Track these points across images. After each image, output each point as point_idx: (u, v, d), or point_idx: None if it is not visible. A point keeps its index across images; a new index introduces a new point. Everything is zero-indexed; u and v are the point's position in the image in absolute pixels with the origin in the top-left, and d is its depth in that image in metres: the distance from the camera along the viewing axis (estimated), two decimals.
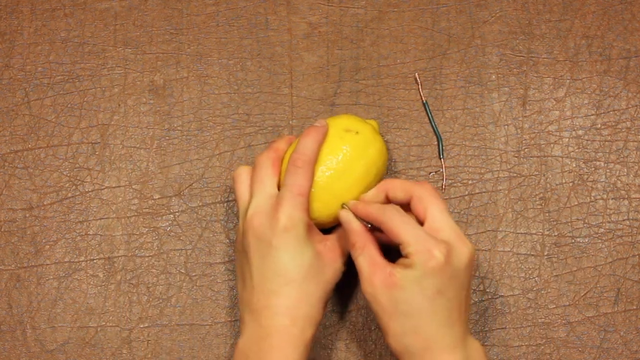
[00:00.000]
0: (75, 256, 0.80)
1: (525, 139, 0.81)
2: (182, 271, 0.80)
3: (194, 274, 0.80)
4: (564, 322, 0.79)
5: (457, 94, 0.82)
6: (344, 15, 0.84)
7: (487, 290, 0.79)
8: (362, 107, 0.82)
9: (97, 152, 0.82)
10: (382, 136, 0.77)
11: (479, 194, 0.80)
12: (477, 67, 0.82)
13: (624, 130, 0.81)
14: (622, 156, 0.81)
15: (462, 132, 0.81)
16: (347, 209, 0.72)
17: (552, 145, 0.81)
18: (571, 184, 0.80)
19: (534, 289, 0.79)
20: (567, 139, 0.81)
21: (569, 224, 0.80)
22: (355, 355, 0.79)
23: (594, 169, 0.81)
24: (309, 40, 0.83)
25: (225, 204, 0.81)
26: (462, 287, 0.68)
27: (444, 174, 0.81)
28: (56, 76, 0.83)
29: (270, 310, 0.70)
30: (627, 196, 0.80)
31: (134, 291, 0.80)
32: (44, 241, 0.81)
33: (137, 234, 0.81)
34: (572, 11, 0.83)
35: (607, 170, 0.81)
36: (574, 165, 0.81)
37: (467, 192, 0.80)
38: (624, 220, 0.80)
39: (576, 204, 0.80)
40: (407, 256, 0.67)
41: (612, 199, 0.80)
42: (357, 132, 0.74)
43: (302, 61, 0.83)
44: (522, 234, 0.80)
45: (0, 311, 0.80)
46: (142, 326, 0.79)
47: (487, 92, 0.82)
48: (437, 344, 0.67)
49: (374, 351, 0.79)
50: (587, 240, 0.80)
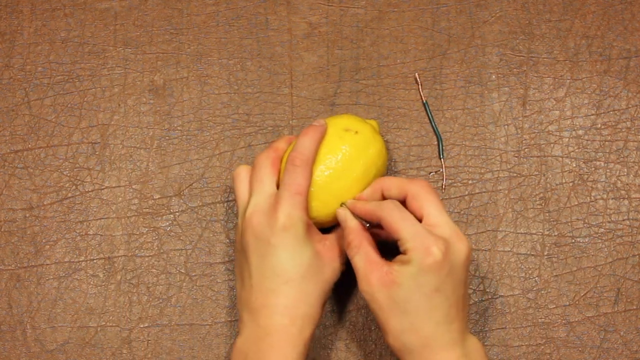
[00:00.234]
0: (75, 256, 0.80)
1: (525, 139, 0.81)
2: (182, 271, 0.80)
3: (194, 274, 0.80)
4: (564, 322, 0.79)
5: (457, 94, 0.82)
6: (344, 15, 0.84)
7: (487, 290, 0.79)
8: (362, 107, 0.82)
9: (97, 152, 0.82)
10: (382, 136, 0.77)
11: (479, 194, 0.80)
12: (477, 67, 0.82)
13: (624, 130, 0.81)
14: (622, 156, 0.81)
15: (462, 132, 0.81)
16: (345, 207, 0.72)
17: (552, 145, 0.81)
18: (571, 184, 0.80)
19: (534, 289, 0.79)
20: (567, 139, 0.81)
21: (569, 224, 0.80)
22: (355, 355, 0.79)
23: (594, 169, 0.81)
24: (309, 40, 0.83)
25: (225, 204, 0.81)
26: (460, 284, 0.68)
27: (444, 174, 0.81)
28: (56, 76, 0.83)
29: (268, 309, 0.69)
30: (627, 196, 0.80)
31: (134, 291, 0.80)
32: (44, 241, 0.81)
33: (137, 234, 0.81)
34: (572, 11, 0.83)
35: (607, 170, 0.80)
36: (574, 165, 0.81)
37: (467, 192, 0.80)
38: (624, 220, 0.80)
39: (576, 204, 0.80)
40: (404, 252, 0.67)
41: (612, 199, 0.80)
42: (356, 132, 0.74)
43: (302, 61, 0.83)
44: (522, 233, 0.80)
45: (0, 311, 0.80)
46: (142, 326, 0.79)
47: (487, 92, 0.82)
48: (436, 341, 0.67)
49: (374, 351, 0.79)
50: (587, 240, 0.80)
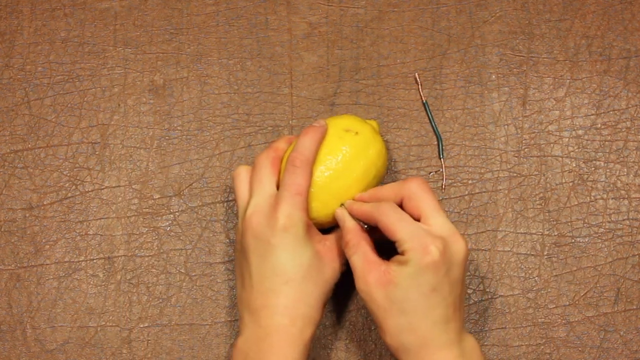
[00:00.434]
0: (75, 256, 0.80)
1: (525, 139, 0.81)
2: (182, 271, 0.80)
3: (194, 274, 0.80)
4: (564, 322, 0.79)
5: (457, 94, 0.82)
6: (344, 15, 0.84)
7: (487, 290, 0.79)
8: (362, 107, 0.82)
9: (97, 152, 0.82)
10: (382, 136, 0.77)
11: (479, 193, 0.80)
12: (477, 67, 0.82)
13: (624, 130, 0.81)
14: (622, 156, 0.81)
15: (462, 132, 0.81)
16: (344, 208, 0.72)
17: (552, 145, 0.81)
18: (571, 184, 0.80)
19: (534, 288, 0.79)
20: (567, 139, 0.81)
21: (569, 223, 0.80)
22: (355, 355, 0.79)
23: (594, 168, 0.81)
24: (309, 40, 0.83)
25: (225, 204, 0.81)
26: (457, 283, 0.68)
27: (444, 174, 0.81)
28: (56, 76, 0.83)
29: (269, 309, 0.69)
30: (627, 196, 0.80)
31: (134, 291, 0.80)
32: (44, 241, 0.81)
33: (137, 233, 0.81)
34: (572, 11, 0.83)
35: (607, 170, 0.80)
36: (574, 165, 0.81)
37: (467, 192, 0.80)
38: (624, 220, 0.80)
39: (576, 203, 0.80)
40: (402, 253, 0.67)
41: (612, 198, 0.80)
42: (356, 133, 0.74)
43: (302, 61, 0.83)
44: (522, 233, 0.80)
45: (0, 311, 0.80)
46: (142, 326, 0.79)
47: (487, 92, 0.82)
48: (434, 341, 0.67)
49: (374, 351, 0.79)
50: (587, 240, 0.80)
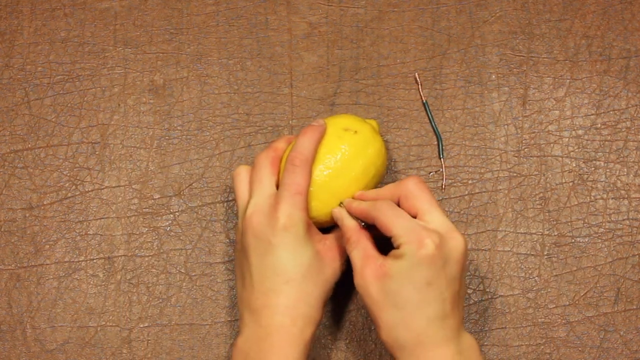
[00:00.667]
0: (75, 256, 0.80)
1: (525, 139, 0.81)
2: (182, 271, 0.80)
3: (193, 274, 0.80)
4: (564, 321, 0.78)
5: (457, 94, 0.82)
6: (344, 15, 0.84)
7: (487, 290, 0.79)
8: (362, 107, 0.82)
9: (97, 152, 0.82)
10: (382, 136, 0.77)
11: (478, 193, 0.80)
12: (477, 67, 0.82)
13: (624, 130, 0.81)
14: (622, 156, 0.81)
15: (462, 131, 0.81)
16: (342, 207, 0.72)
17: (552, 145, 0.81)
18: (571, 184, 0.80)
19: (534, 288, 0.79)
20: (567, 139, 0.81)
21: (569, 223, 0.80)
22: (355, 355, 0.79)
23: (594, 168, 0.81)
24: (309, 40, 0.83)
25: (225, 204, 0.81)
26: (455, 280, 0.68)
27: (444, 173, 0.81)
28: (56, 76, 0.83)
29: (269, 309, 0.69)
30: (627, 196, 0.80)
31: (134, 291, 0.80)
32: (44, 241, 0.81)
33: (137, 233, 0.81)
34: (572, 11, 0.83)
35: (607, 170, 0.80)
36: (574, 165, 0.81)
37: (467, 192, 0.80)
38: (624, 220, 0.80)
39: (576, 203, 0.80)
40: (398, 247, 0.67)
41: (612, 198, 0.80)
42: (355, 132, 0.74)
43: (302, 61, 0.83)
44: (522, 233, 0.80)
45: (0, 311, 0.80)
46: (142, 326, 0.79)
47: (487, 92, 0.82)
48: (429, 337, 0.66)
49: (374, 351, 0.79)
50: (587, 240, 0.80)
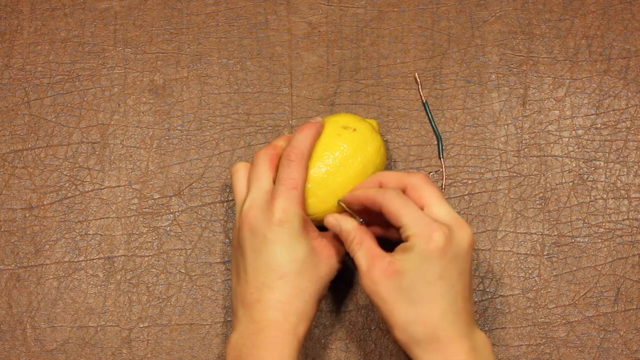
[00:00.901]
0: (75, 256, 0.80)
1: (525, 139, 0.81)
2: (182, 271, 0.80)
3: (193, 274, 0.80)
4: (564, 321, 0.78)
5: (457, 94, 0.82)
6: (344, 15, 0.84)
7: (487, 290, 0.79)
8: (362, 107, 0.82)
9: (97, 152, 0.82)
10: (381, 136, 0.77)
11: (478, 193, 0.80)
12: (477, 67, 0.82)
13: (624, 130, 0.81)
14: (622, 156, 0.81)
15: (462, 131, 0.81)
16: (334, 214, 0.72)
17: (552, 145, 0.81)
18: (571, 184, 0.80)
19: (534, 288, 0.79)
20: (567, 139, 0.81)
21: (569, 223, 0.80)
22: (355, 355, 0.79)
23: (594, 168, 0.81)
24: (309, 40, 0.83)
25: (225, 204, 0.81)
26: (465, 272, 0.67)
27: (444, 173, 0.81)
28: (56, 76, 0.83)
29: (262, 304, 0.69)
30: (627, 196, 0.80)
31: (134, 291, 0.80)
32: (44, 241, 0.81)
33: (137, 233, 0.81)
34: (572, 11, 0.83)
35: (607, 170, 0.80)
36: (574, 165, 0.81)
37: (467, 192, 0.80)
38: (624, 220, 0.80)
39: (576, 203, 0.80)
40: (406, 239, 0.67)
41: (612, 198, 0.80)
42: (354, 130, 0.74)
43: (302, 61, 0.83)
44: (522, 233, 0.80)
45: (0, 311, 0.80)
46: (142, 326, 0.79)
47: (487, 92, 0.82)
48: (445, 331, 0.66)
49: (374, 351, 0.79)
50: (587, 240, 0.80)
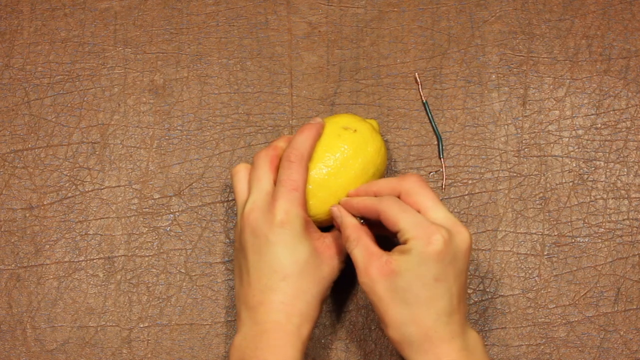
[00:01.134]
0: (75, 256, 0.80)
1: (525, 139, 0.81)
2: (182, 271, 0.80)
3: (194, 274, 0.80)
4: (564, 321, 0.79)
5: (457, 94, 0.82)
6: (344, 15, 0.84)
7: (487, 290, 0.79)
8: (362, 107, 0.82)
9: (97, 152, 0.82)
10: (382, 136, 0.77)
11: (479, 193, 0.80)
12: (477, 67, 0.82)
13: (624, 130, 0.81)
14: (622, 156, 0.81)
15: (462, 131, 0.81)
16: (339, 205, 0.72)
17: (552, 145, 0.81)
18: (571, 184, 0.80)
19: (534, 288, 0.79)
20: (567, 139, 0.81)
21: (569, 223, 0.80)
22: (355, 355, 0.79)
23: (594, 168, 0.81)
24: (309, 40, 0.83)
25: (225, 204, 0.81)
26: (461, 274, 0.68)
27: (444, 173, 0.81)
28: (56, 76, 0.83)
29: (265, 306, 0.69)
30: (627, 196, 0.80)
31: (134, 291, 0.80)
32: (44, 241, 0.81)
33: (137, 233, 0.81)
34: (572, 11, 0.83)
35: (607, 170, 0.80)
36: (574, 165, 0.81)
37: (467, 192, 0.80)
38: (624, 220, 0.80)
39: (576, 203, 0.80)
40: (405, 242, 0.67)
41: (612, 198, 0.80)
42: (355, 130, 0.74)
43: (302, 61, 0.83)
44: (522, 233, 0.80)
45: (0, 311, 0.80)
46: (142, 326, 0.79)
47: (487, 92, 0.82)
48: (437, 332, 0.66)
49: (374, 351, 0.79)
50: (587, 240, 0.80)
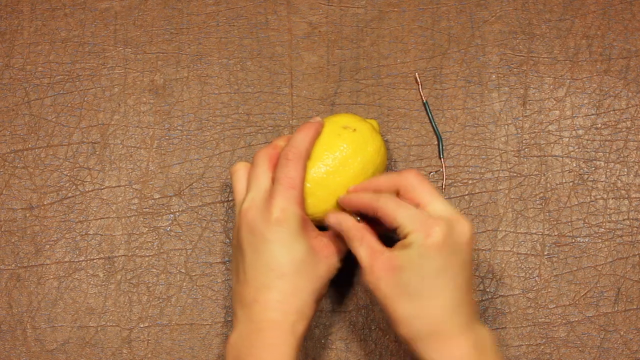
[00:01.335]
0: (75, 256, 0.80)
1: (525, 139, 0.81)
2: (182, 271, 0.80)
3: (194, 274, 0.80)
4: (564, 321, 0.79)
5: (457, 94, 0.82)
6: (344, 15, 0.84)
7: (487, 290, 0.79)
8: (362, 107, 0.82)
9: (97, 152, 0.82)
10: (382, 136, 0.77)
11: (479, 193, 0.80)
12: (477, 67, 0.82)
13: (624, 130, 0.81)
14: (622, 156, 0.81)
15: (462, 131, 0.81)
16: (333, 213, 0.72)
17: (552, 145, 0.81)
18: (571, 184, 0.80)
19: (534, 288, 0.79)
20: (567, 139, 0.81)
21: (569, 223, 0.80)
22: (355, 355, 0.79)
23: (594, 168, 0.81)
24: (309, 40, 0.83)
25: (225, 204, 0.81)
26: (465, 265, 0.67)
27: (444, 173, 0.81)
28: (56, 76, 0.83)
29: (261, 304, 0.69)
30: (627, 196, 0.80)
31: (134, 291, 0.80)
32: (44, 241, 0.81)
33: (137, 233, 0.81)
34: (572, 11, 0.83)
35: (607, 170, 0.81)
36: (574, 165, 0.81)
37: (467, 192, 0.80)
38: (624, 220, 0.80)
39: (576, 203, 0.80)
40: (405, 237, 0.67)
41: (612, 198, 0.80)
42: (354, 130, 0.74)
43: (302, 61, 0.83)
44: (522, 233, 0.80)
45: (0, 311, 0.80)
46: (142, 326, 0.79)
47: (487, 92, 0.82)
48: (446, 325, 0.66)
49: (374, 351, 0.79)
50: (587, 240, 0.80)
